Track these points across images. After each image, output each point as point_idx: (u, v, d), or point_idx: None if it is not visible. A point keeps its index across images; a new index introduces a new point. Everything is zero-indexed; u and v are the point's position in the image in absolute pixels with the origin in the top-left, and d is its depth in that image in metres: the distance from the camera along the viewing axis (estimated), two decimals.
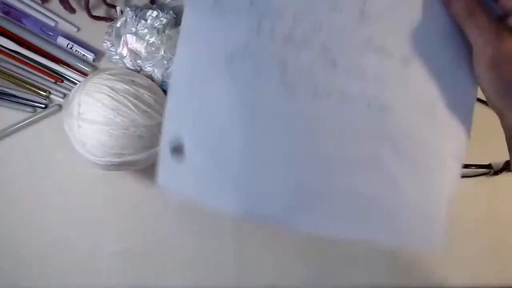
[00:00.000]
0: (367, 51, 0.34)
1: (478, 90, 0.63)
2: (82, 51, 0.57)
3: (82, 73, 0.57)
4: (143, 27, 0.52)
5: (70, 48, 0.57)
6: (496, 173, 0.57)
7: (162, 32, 0.52)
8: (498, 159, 0.57)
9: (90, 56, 0.57)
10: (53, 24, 0.58)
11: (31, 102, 0.56)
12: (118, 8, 0.55)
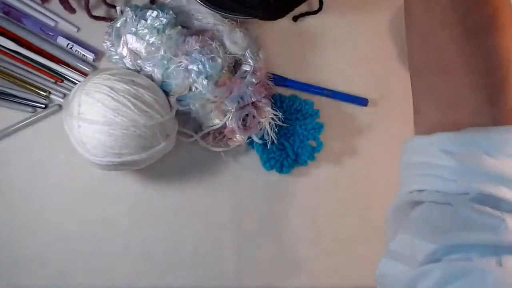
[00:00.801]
0: None
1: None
2: (82, 51, 0.57)
3: (82, 73, 0.57)
4: (143, 27, 0.52)
5: (70, 48, 0.57)
6: None
7: (162, 32, 0.52)
8: None
9: (90, 56, 0.57)
10: (53, 24, 0.58)
11: (31, 102, 0.56)
12: (118, 8, 0.55)
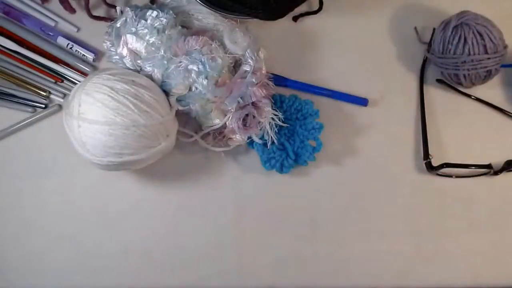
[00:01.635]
0: None
1: (480, 90, 0.63)
2: (82, 51, 0.57)
3: (82, 73, 0.57)
4: (143, 27, 0.52)
5: (70, 48, 0.57)
6: (496, 173, 0.57)
7: (162, 32, 0.52)
8: (498, 159, 0.57)
9: (90, 56, 0.57)
10: (53, 24, 0.58)
11: (31, 102, 0.56)
12: (118, 8, 0.55)
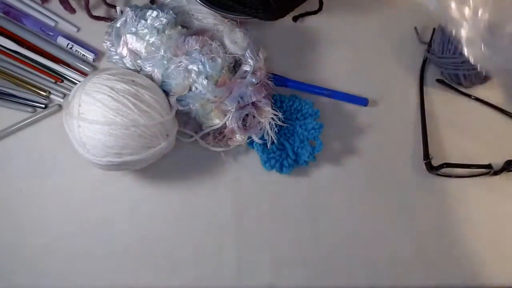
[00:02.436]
0: None
1: (480, 90, 0.63)
2: (82, 51, 0.57)
3: (82, 73, 0.57)
4: (143, 27, 0.52)
5: (70, 48, 0.57)
6: (496, 173, 0.57)
7: (162, 32, 0.52)
8: (498, 159, 0.57)
9: (90, 56, 0.57)
10: (53, 24, 0.58)
11: (31, 102, 0.56)
12: (118, 8, 0.55)
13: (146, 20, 0.52)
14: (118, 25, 0.53)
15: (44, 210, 0.55)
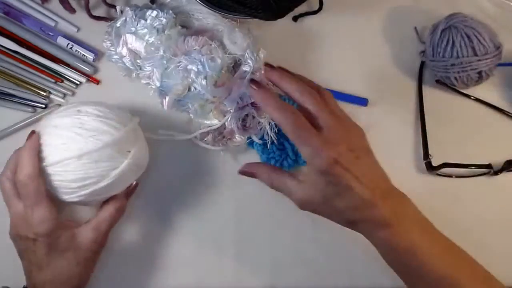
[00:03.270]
0: None
1: (480, 90, 0.63)
2: (82, 51, 0.57)
3: (82, 73, 0.57)
4: (143, 27, 0.52)
5: (70, 48, 0.57)
6: (496, 173, 0.57)
7: (162, 32, 0.52)
8: (498, 159, 0.57)
9: (90, 56, 0.57)
10: (53, 24, 0.58)
11: (31, 102, 0.57)
12: (118, 8, 0.55)
13: (145, 20, 0.52)
14: (118, 24, 0.53)
15: None
